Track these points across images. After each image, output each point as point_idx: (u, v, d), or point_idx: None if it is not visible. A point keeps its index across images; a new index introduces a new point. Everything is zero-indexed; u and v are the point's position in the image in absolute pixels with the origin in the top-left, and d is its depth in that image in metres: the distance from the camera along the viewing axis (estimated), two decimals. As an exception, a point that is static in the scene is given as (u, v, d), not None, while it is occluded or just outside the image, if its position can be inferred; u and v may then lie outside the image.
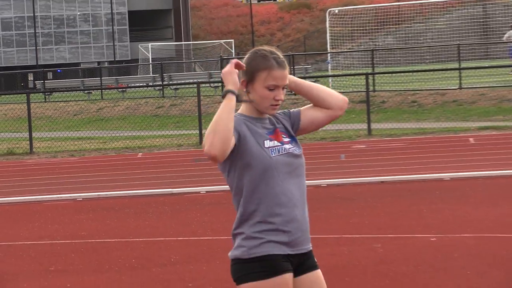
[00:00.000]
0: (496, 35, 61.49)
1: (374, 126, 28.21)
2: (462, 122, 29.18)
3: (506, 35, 52.85)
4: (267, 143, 5.25)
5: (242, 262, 5.22)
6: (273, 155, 5.23)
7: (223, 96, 5.10)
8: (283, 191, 5.23)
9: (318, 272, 5.39)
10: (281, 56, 5.34)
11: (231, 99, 5.08)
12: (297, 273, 5.31)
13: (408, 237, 12.51)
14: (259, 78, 5.27)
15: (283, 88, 5.31)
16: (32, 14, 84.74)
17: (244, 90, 5.32)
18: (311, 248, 5.37)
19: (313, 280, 5.35)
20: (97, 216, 15.86)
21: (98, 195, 18.40)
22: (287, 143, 5.33)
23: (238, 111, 5.35)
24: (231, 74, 5.12)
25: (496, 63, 49.82)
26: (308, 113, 5.51)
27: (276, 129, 5.35)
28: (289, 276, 5.21)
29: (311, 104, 5.55)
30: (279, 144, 5.28)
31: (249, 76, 5.29)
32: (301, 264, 5.31)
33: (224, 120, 5.01)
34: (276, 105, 5.30)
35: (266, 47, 5.37)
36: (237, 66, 5.16)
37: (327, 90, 5.53)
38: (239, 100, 5.15)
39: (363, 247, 11.91)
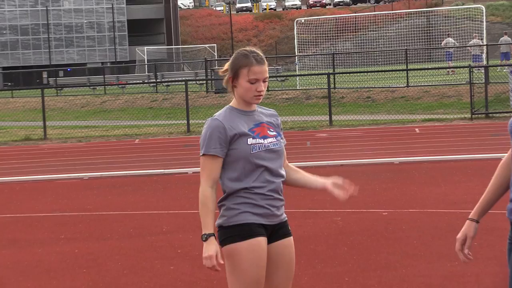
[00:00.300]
0: (437, 42, 61.68)
1: (334, 117, 28.25)
2: (409, 115, 29.23)
3: (444, 42, 53.21)
4: (250, 141, 5.27)
5: (224, 228, 5.28)
6: (254, 151, 5.26)
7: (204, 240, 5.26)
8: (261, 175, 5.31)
9: (290, 239, 5.42)
10: (261, 54, 5.36)
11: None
12: (272, 239, 5.34)
13: (364, 211, 12.56)
14: (242, 74, 5.29)
15: (264, 81, 5.33)
16: (46, 22, 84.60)
17: (232, 85, 5.35)
18: (285, 219, 5.42)
19: (286, 245, 5.38)
20: (100, 192, 15.87)
21: (101, 174, 18.43)
22: (272, 136, 5.36)
23: (230, 104, 5.39)
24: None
25: (437, 65, 49.95)
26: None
27: (262, 123, 5.36)
28: (262, 239, 5.25)
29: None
30: (261, 139, 5.30)
31: (233, 73, 5.32)
32: (275, 232, 5.35)
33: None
34: (259, 95, 5.31)
35: (248, 48, 5.41)
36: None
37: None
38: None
39: (325, 220, 11.97)
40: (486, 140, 21.29)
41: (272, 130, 5.38)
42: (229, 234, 5.26)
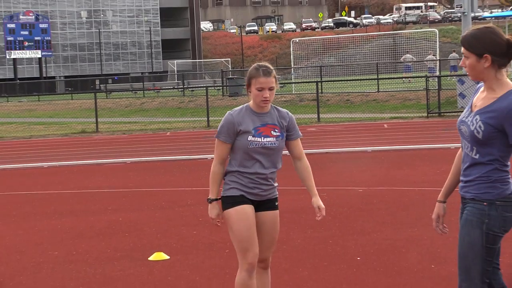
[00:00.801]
0: (401, 57, 61.60)
1: (321, 116, 28.20)
2: (379, 114, 29.18)
3: (403, 57, 53.28)
4: (250, 138, 5.24)
5: (222, 197, 5.37)
6: (251, 147, 5.24)
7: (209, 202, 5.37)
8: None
9: (274, 212, 5.42)
10: (269, 68, 5.30)
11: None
12: (258, 210, 5.36)
13: (344, 189, 12.52)
14: (252, 83, 5.27)
15: (270, 89, 5.26)
16: (98, 41, 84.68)
17: (248, 91, 5.33)
18: (272, 197, 5.40)
19: (269, 216, 5.40)
20: (139, 173, 15.83)
21: (140, 159, 18.39)
22: (273, 136, 5.28)
23: (249, 103, 5.36)
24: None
25: (401, 75, 49.80)
26: (291, 144, 5.46)
27: (268, 124, 5.29)
28: (247, 206, 5.28)
29: (295, 144, 5.47)
30: (260, 138, 5.24)
31: (248, 82, 5.31)
32: (262, 204, 5.36)
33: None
34: (265, 101, 5.25)
35: (261, 63, 5.38)
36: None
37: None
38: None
39: (314, 195, 11.92)
40: (438, 134, 21.25)
41: (276, 131, 5.31)
42: (224, 202, 5.35)
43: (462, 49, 4.24)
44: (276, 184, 5.45)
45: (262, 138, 5.26)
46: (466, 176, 4.30)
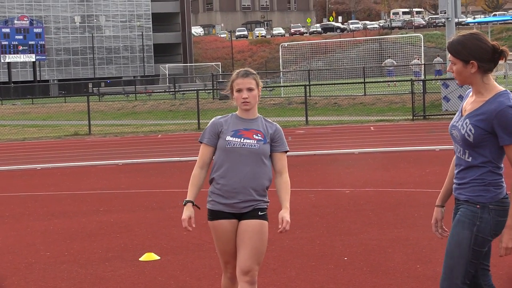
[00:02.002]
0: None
1: (309, 118, 28.18)
2: (366, 117, 29.19)
3: (384, 62, 53.49)
4: (228, 138, 5.09)
5: (207, 208, 5.25)
6: (228, 146, 5.09)
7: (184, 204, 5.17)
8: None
9: (257, 221, 5.13)
10: (249, 71, 5.21)
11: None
12: (241, 219, 5.16)
13: (331, 190, 12.49)
14: (233, 86, 5.19)
15: (249, 90, 5.16)
16: (91, 45, 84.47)
17: (232, 97, 5.24)
18: (257, 207, 5.15)
19: (250, 225, 5.12)
20: (131, 175, 15.76)
21: (132, 161, 18.31)
22: (254, 139, 5.11)
23: (236, 112, 5.23)
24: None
25: (387, 79, 49.85)
26: (275, 156, 5.29)
27: (252, 129, 5.15)
28: (224, 221, 5.13)
29: (279, 157, 5.32)
30: (240, 139, 5.08)
31: (230, 88, 5.24)
32: (245, 214, 5.14)
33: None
34: (245, 102, 5.14)
35: (242, 68, 5.30)
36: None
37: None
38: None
39: (302, 196, 11.88)
40: (423, 136, 21.27)
41: (258, 135, 5.14)
42: (207, 214, 5.22)
43: (449, 55, 4.23)
44: (265, 199, 5.19)
45: (242, 139, 5.09)
46: (460, 179, 4.27)
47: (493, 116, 4.07)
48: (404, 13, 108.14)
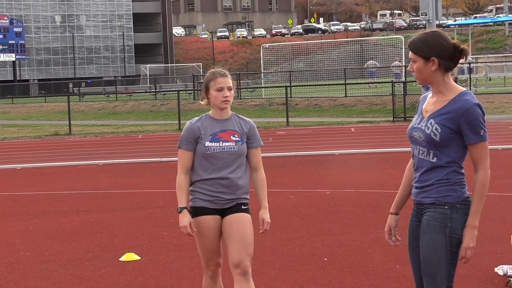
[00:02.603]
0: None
1: (290, 119, 28.25)
2: (346, 118, 29.29)
3: (367, 63, 53.67)
4: (207, 143, 5.14)
5: (190, 207, 5.29)
6: (209, 152, 5.14)
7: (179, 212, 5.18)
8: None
9: (241, 214, 5.22)
10: (224, 71, 5.26)
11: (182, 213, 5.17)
12: (225, 215, 5.22)
13: (312, 191, 12.53)
14: (211, 86, 5.21)
15: (229, 89, 5.21)
16: (72, 45, 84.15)
17: (207, 97, 5.26)
18: (239, 202, 5.21)
19: (235, 218, 5.20)
20: (111, 175, 15.73)
21: (112, 161, 18.27)
22: (232, 141, 5.17)
23: (209, 112, 5.28)
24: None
25: (368, 81, 50.02)
26: (250, 152, 5.27)
27: (229, 130, 5.20)
28: (208, 217, 5.19)
29: (254, 153, 5.28)
30: (219, 143, 5.14)
31: (205, 87, 5.26)
32: (228, 209, 5.22)
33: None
34: (225, 101, 5.19)
35: (215, 68, 5.32)
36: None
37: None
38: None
39: (283, 197, 11.91)
40: (404, 138, 21.22)
41: (236, 136, 5.20)
42: (191, 212, 5.23)
43: (410, 53, 4.24)
44: (246, 196, 5.26)
45: (221, 143, 5.15)
46: (423, 182, 4.23)
47: (460, 114, 4.07)
48: (390, 14, 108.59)
